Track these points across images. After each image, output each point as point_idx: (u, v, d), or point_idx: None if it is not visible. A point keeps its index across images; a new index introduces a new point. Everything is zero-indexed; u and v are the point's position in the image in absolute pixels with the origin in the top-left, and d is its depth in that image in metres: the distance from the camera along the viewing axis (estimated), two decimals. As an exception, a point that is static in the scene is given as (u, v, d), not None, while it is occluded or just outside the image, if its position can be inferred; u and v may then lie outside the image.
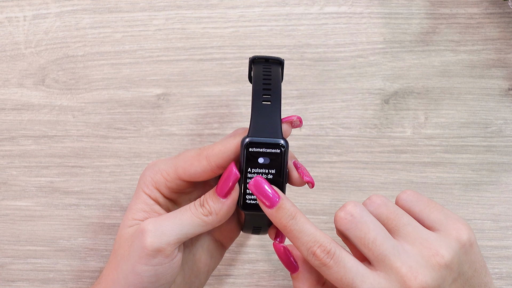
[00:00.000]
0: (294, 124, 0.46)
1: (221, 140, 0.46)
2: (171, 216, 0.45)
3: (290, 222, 0.42)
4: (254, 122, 0.44)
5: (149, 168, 0.47)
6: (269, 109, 0.44)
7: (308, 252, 0.42)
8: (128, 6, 0.58)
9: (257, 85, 0.45)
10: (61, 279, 0.58)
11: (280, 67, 0.48)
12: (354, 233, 0.42)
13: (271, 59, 0.48)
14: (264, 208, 0.43)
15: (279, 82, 0.46)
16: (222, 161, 0.45)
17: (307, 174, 0.45)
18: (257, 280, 0.58)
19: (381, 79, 0.58)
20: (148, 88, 0.58)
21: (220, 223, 0.45)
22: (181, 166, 0.46)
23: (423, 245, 0.42)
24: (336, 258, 0.41)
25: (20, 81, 0.58)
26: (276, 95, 0.45)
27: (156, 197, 0.47)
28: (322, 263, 0.41)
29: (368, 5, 0.58)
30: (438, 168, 0.58)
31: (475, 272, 0.43)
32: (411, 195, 0.46)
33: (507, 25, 0.58)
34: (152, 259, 0.44)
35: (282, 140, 0.44)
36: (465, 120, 0.58)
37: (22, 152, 0.58)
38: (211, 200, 0.45)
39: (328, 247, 0.41)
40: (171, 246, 0.44)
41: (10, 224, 0.58)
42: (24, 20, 0.58)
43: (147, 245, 0.44)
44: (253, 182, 0.43)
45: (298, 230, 0.42)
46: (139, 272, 0.44)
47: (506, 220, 0.58)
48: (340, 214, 0.43)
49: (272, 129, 0.44)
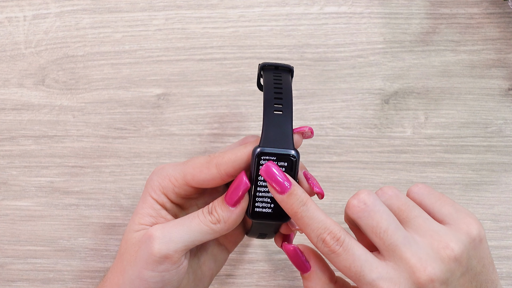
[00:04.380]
0: (306, 135, 0.46)
1: (231, 148, 0.46)
2: (179, 223, 0.45)
3: (301, 208, 0.42)
4: (266, 131, 0.44)
5: (156, 172, 0.47)
6: (281, 119, 0.44)
7: (318, 238, 0.42)
8: (128, 6, 0.58)
9: (268, 93, 0.45)
10: (61, 279, 0.58)
11: (290, 75, 0.48)
12: (366, 221, 0.42)
13: (281, 67, 0.48)
14: (275, 194, 0.43)
15: (291, 91, 0.45)
16: (232, 170, 0.44)
17: (317, 185, 0.45)
18: (257, 280, 0.58)
19: (381, 79, 0.58)
20: (148, 88, 0.58)
21: (228, 231, 0.45)
22: (190, 173, 0.45)
23: (433, 238, 0.42)
24: (346, 246, 0.41)
25: (20, 81, 0.58)
26: (288, 104, 0.44)
27: (163, 202, 0.47)
28: (331, 250, 0.41)
29: (368, 5, 0.58)
30: (438, 168, 0.58)
31: (483, 268, 0.43)
32: (423, 188, 0.46)
33: (507, 25, 0.58)
34: (159, 265, 0.44)
35: (293, 151, 0.44)
36: (465, 120, 0.58)
37: (22, 152, 0.58)
38: (219, 208, 0.45)
39: (338, 234, 0.41)
40: (178, 253, 0.44)
41: (10, 224, 0.58)
42: (24, 20, 0.58)
43: (154, 252, 0.44)
44: (265, 167, 0.43)
45: (309, 216, 0.42)
46: (146, 278, 0.44)
47: (506, 220, 0.58)
48: (353, 202, 0.42)
49: (283, 139, 0.44)
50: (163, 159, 0.58)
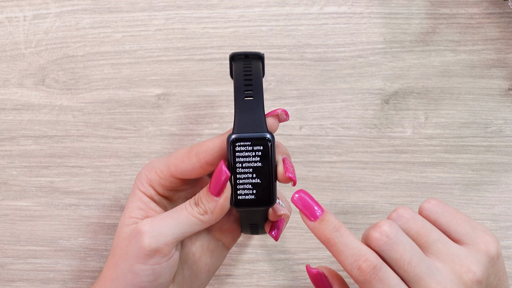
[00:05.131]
0: (281, 117, 0.45)
1: (212, 138, 0.46)
2: (167, 216, 0.45)
3: (334, 234, 0.41)
4: (238, 118, 0.44)
5: (145, 166, 0.48)
6: (252, 104, 0.44)
7: (353, 266, 0.41)
8: (128, 6, 0.58)
9: (238, 81, 0.45)
10: (61, 279, 0.58)
11: (261, 62, 0.47)
12: (389, 254, 0.41)
13: (251, 55, 0.48)
14: (307, 221, 0.42)
15: (260, 77, 0.46)
16: (211, 158, 0.45)
17: (291, 172, 0.44)
18: (257, 280, 0.58)
19: (381, 79, 0.58)
20: (148, 88, 0.58)
21: (216, 221, 0.46)
22: (173, 164, 0.46)
23: (454, 262, 0.42)
24: (382, 275, 0.40)
25: (20, 81, 0.58)
26: (258, 90, 0.45)
27: (151, 194, 0.47)
28: (366, 279, 0.40)
29: (368, 5, 0.58)
30: (438, 168, 0.58)
31: (499, 281, 0.44)
32: (436, 206, 0.45)
33: (507, 25, 0.58)
34: (150, 259, 0.44)
35: (268, 134, 0.43)
36: (465, 120, 0.58)
37: (22, 152, 0.58)
38: (205, 199, 0.45)
39: (374, 262, 0.40)
40: (168, 246, 0.45)
41: (10, 224, 0.58)
42: (24, 20, 0.58)
43: (144, 246, 0.44)
44: (298, 198, 0.42)
45: (343, 243, 0.41)
46: (137, 272, 0.45)
47: (506, 220, 0.58)
48: (375, 235, 0.41)
49: (256, 124, 0.44)
50: (163, 159, 0.58)
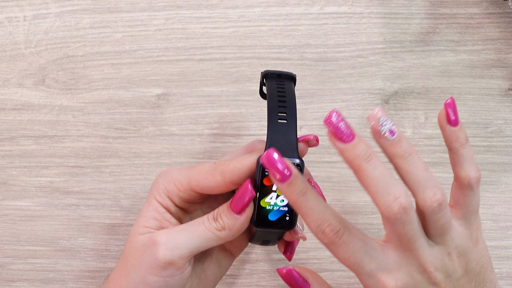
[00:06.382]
0: (311, 143, 0.46)
1: (236, 155, 0.46)
2: (184, 229, 0.45)
3: (300, 198, 0.41)
4: (271, 140, 0.44)
5: (162, 175, 0.47)
6: (285, 127, 0.44)
7: (317, 229, 0.41)
8: (128, 6, 0.58)
9: (272, 102, 0.45)
10: (61, 279, 0.58)
11: (293, 83, 0.48)
12: (397, 227, 0.41)
13: (284, 75, 0.48)
14: (275, 182, 0.42)
15: (294, 99, 0.45)
16: (236, 178, 0.44)
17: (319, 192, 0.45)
18: (257, 280, 0.58)
19: (381, 79, 0.58)
20: (148, 88, 0.58)
21: (232, 238, 0.45)
22: (195, 179, 0.45)
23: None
24: (345, 239, 0.41)
25: (20, 81, 0.58)
26: (292, 113, 0.44)
27: (168, 205, 0.47)
28: (330, 241, 0.41)
29: (368, 5, 0.58)
30: (438, 168, 0.58)
31: (482, 267, 0.44)
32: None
33: (507, 25, 0.58)
34: (164, 271, 0.44)
35: (298, 159, 0.44)
36: (465, 120, 0.58)
37: (22, 152, 0.58)
38: (224, 215, 0.44)
39: (337, 227, 0.41)
40: (183, 260, 0.44)
41: (10, 224, 0.58)
42: (24, 20, 0.58)
43: (159, 258, 0.44)
44: (266, 154, 0.41)
45: (308, 207, 0.41)
46: (149, 283, 0.44)
47: (506, 220, 0.58)
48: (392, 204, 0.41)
49: (288, 148, 0.44)
50: (163, 159, 0.58)
